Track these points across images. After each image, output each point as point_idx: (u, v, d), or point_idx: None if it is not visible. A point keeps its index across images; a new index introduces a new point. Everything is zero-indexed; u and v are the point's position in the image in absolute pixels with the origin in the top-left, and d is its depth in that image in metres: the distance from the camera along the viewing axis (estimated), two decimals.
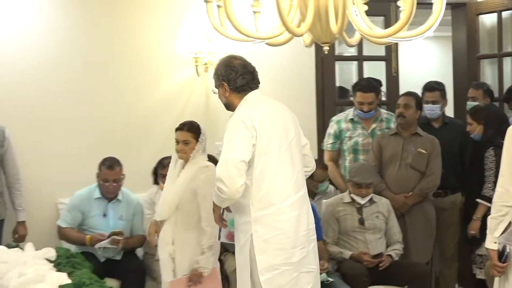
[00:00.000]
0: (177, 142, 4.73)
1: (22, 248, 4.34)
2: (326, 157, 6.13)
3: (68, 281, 3.58)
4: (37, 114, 5.92)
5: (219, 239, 4.42)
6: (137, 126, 6.19)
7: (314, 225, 4.06)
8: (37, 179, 5.88)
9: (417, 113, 5.74)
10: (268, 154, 3.85)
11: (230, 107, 4.06)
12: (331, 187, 6.16)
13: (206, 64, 6.23)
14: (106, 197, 5.58)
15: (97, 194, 5.58)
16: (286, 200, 3.86)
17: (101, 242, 5.31)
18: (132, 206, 5.65)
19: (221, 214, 3.99)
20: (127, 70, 6.17)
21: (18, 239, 5.40)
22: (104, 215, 5.56)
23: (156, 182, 5.72)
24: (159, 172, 5.62)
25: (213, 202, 3.90)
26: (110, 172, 5.49)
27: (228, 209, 3.97)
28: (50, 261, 4.03)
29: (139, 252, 5.72)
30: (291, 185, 3.90)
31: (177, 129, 4.77)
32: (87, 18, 6.09)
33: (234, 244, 4.01)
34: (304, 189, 4.02)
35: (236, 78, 3.98)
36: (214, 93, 4.28)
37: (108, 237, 5.35)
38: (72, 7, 6.04)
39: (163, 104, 6.25)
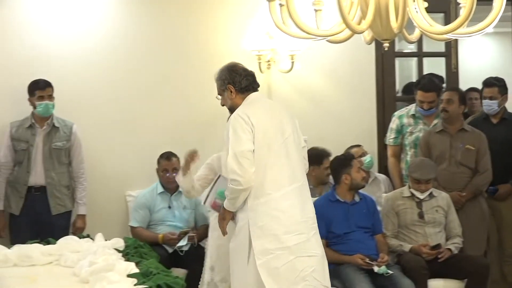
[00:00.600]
0: None
1: (92, 239, 4.43)
2: (389, 151, 6.13)
3: (136, 270, 3.63)
4: (106, 110, 6.04)
5: (204, 203, 4.72)
6: (201, 123, 6.24)
7: (314, 214, 4.24)
8: (107, 173, 6.01)
9: (461, 108, 5.67)
10: (263, 148, 4.06)
11: (234, 109, 4.24)
12: (382, 176, 6.13)
13: (268, 61, 6.23)
14: (169, 191, 5.69)
15: (159, 189, 5.71)
16: (280, 190, 4.06)
17: (179, 243, 5.43)
18: (193, 199, 5.72)
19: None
20: (192, 67, 6.22)
21: (75, 232, 5.51)
22: (169, 207, 5.68)
23: None
24: None
25: (223, 210, 4.15)
26: (168, 162, 5.66)
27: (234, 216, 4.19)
28: (119, 251, 4.10)
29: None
30: (286, 176, 4.10)
31: None
32: (155, 18, 6.17)
33: (214, 212, 4.46)
34: (302, 181, 4.20)
35: (241, 80, 4.25)
36: (218, 99, 4.43)
37: (179, 235, 5.47)
38: (141, 7, 6.13)
39: None
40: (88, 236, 4.53)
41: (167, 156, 5.68)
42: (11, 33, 5.85)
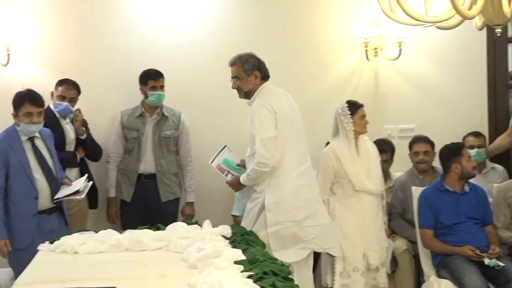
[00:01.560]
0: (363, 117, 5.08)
1: (200, 225, 4.49)
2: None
3: (243, 257, 3.64)
4: (213, 99, 6.14)
5: (211, 162, 5.02)
6: (308, 111, 6.19)
7: (318, 189, 4.83)
8: None
9: None
10: (283, 133, 4.60)
11: (250, 95, 4.72)
12: (500, 167, 5.94)
13: (375, 48, 6.16)
14: None
15: None
16: (294, 171, 4.63)
17: None
18: None
19: None
20: (300, 55, 6.24)
21: (185, 219, 5.61)
22: None
23: None
24: None
25: (239, 184, 4.75)
26: None
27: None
28: (226, 238, 4.13)
29: None
30: (298, 158, 4.67)
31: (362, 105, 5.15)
32: (262, 7, 6.21)
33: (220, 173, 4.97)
34: (309, 162, 4.76)
35: (265, 68, 4.78)
36: (232, 81, 4.77)
37: None
38: None
39: (333, 89, 6.25)
40: (196, 222, 4.60)
41: None
42: (119, 24, 6.03)
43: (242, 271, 3.37)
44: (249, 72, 4.68)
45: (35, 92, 4.91)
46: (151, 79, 5.60)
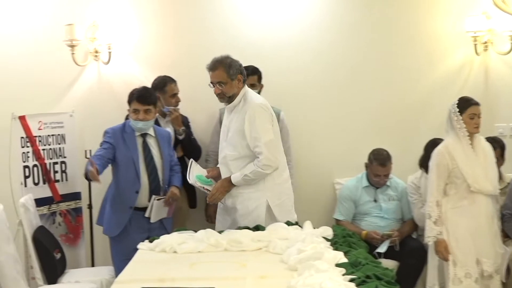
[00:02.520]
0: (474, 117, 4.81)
1: (300, 226, 4.49)
2: None
3: (345, 260, 3.62)
4: (312, 96, 6.13)
5: (188, 178, 4.86)
6: (413, 108, 6.13)
7: None
8: (314, 160, 6.10)
9: None
10: (276, 134, 4.77)
11: (233, 98, 4.69)
12: None
13: (485, 42, 5.98)
14: (375, 185, 5.67)
15: (365, 182, 5.71)
16: (286, 172, 4.85)
17: (379, 249, 5.40)
18: (399, 189, 5.71)
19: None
20: (406, 51, 6.13)
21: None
22: (375, 200, 5.65)
23: (423, 166, 5.54)
24: None
25: (230, 184, 4.68)
26: (382, 168, 5.60)
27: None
28: (327, 240, 4.12)
29: None
30: (284, 159, 4.89)
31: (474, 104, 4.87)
32: (365, 2, 6.14)
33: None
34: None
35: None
36: (211, 86, 4.74)
37: (381, 237, 5.47)
38: None
39: (440, 85, 6.11)
40: (296, 223, 4.60)
41: (382, 163, 5.58)
42: (218, 23, 6.09)
43: (343, 274, 3.36)
44: (233, 77, 4.66)
45: (146, 90, 5.09)
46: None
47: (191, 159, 5.01)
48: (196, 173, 4.87)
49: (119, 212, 5.01)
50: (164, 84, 5.56)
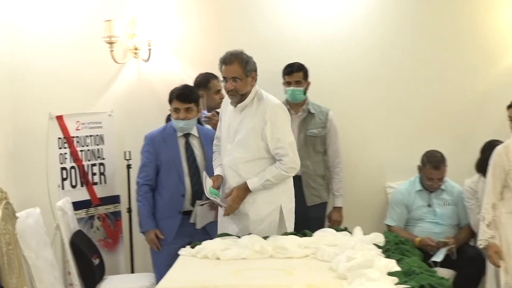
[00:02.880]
0: None
1: (350, 232, 4.44)
2: None
3: (397, 268, 3.57)
4: (362, 96, 6.08)
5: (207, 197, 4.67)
6: (469, 108, 6.03)
7: None
8: (365, 163, 6.06)
9: None
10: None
11: (245, 97, 4.58)
12: None
13: None
14: (429, 189, 5.58)
15: (418, 186, 5.62)
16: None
17: (434, 257, 5.30)
18: (454, 193, 5.62)
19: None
20: (462, 47, 6.05)
21: (332, 225, 5.57)
22: (429, 205, 5.56)
23: (480, 170, 5.44)
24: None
25: (246, 192, 4.56)
26: (436, 172, 5.51)
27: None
28: (379, 247, 4.07)
29: None
30: None
31: None
32: None
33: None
34: None
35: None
36: (221, 81, 4.72)
37: (437, 244, 5.37)
38: None
39: (499, 83, 6.00)
40: (345, 229, 4.56)
41: (436, 165, 5.50)
42: (260, 18, 6.10)
43: (396, 284, 3.31)
44: (249, 73, 4.56)
45: (187, 87, 5.09)
46: (286, 74, 5.60)
47: (204, 171, 4.89)
48: (209, 185, 4.69)
49: (168, 218, 5.00)
50: (207, 81, 5.53)
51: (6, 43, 5.78)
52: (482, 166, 5.14)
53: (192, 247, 4.29)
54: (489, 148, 5.11)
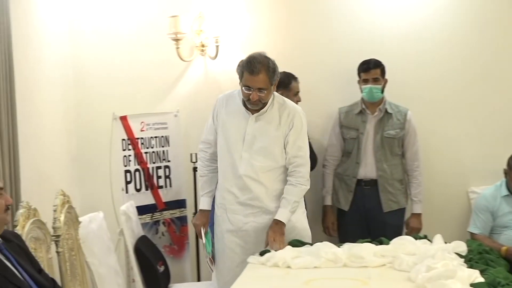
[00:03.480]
0: None
1: (430, 240, 4.42)
2: None
3: (481, 279, 3.54)
4: (443, 94, 6.00)
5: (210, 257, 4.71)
6: None
7: None
8: (446, 166, 6.00)
9: None
10: None
11: (265, 105, 4.51)
12: None
13: None
14: None
15: (504, 191, 5.52)
16: None
17: None
18: None
19: None
20: None
21: (410, 232, 5.53)
22: None
23: None
24: None
25: (282, 225, 4.46)
26: None
27: None
28: (461, 256, 4.04)
29: None
30: None
31: None
32: None
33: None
34: None
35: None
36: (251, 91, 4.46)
37: None
38: None
39: None
40: (425, 237, 4.54)
41: None
42: (333, 11, 6.08)
43: None
44: (274, 82, 4.49)
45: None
46: (362, 71, 5.57)
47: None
48: (205, 241, 4.73)
49: None
50: (289, 82, 5.51)
51: (69, 46, 5.96)
52: None
53: (261, 255, 4.33)
54: None
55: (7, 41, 4.62)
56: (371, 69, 5.54)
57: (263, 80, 4.39)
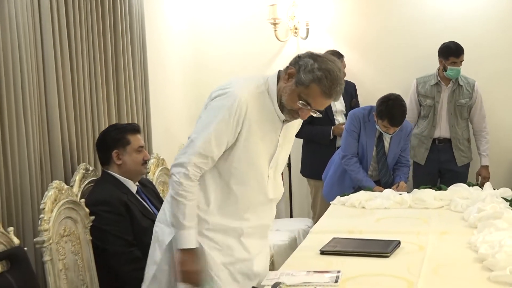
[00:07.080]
0: None
1: (481, 187, 4.35)
2: None
3: None
4: (505, 64, 5.76)
5: None
6: None
7: None
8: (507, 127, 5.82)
9: None
10: None
11: None
12: None
13: None
14: None
15: None
16: None
17: None
18: None
19: None
20: None
21: (481, 181, 5.43)
22: None
23: None
24: None
25: None
26: None
27: None
28: (507, 200, 3.95)
29: None
30: None
31: None
32: None
33: None
34: None
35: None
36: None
37: None
38: None
39: None
40: (477, 184, 4.45)
41: None
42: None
43: None
44: None
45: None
46: (452, 55, 5.38)
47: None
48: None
49: (343, 186, 4.81)
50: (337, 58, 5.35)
51: (191, 43, 6.14)
52: None
53: (341, 197, 4.35)
54: None
55: (142, 35, 4.65)
56: (461, 54, 5.39)
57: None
